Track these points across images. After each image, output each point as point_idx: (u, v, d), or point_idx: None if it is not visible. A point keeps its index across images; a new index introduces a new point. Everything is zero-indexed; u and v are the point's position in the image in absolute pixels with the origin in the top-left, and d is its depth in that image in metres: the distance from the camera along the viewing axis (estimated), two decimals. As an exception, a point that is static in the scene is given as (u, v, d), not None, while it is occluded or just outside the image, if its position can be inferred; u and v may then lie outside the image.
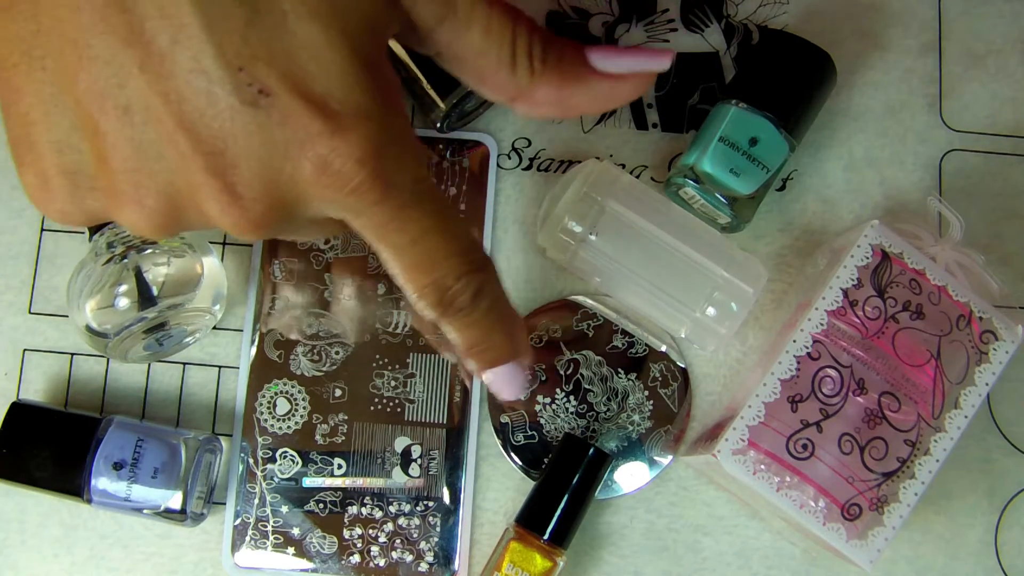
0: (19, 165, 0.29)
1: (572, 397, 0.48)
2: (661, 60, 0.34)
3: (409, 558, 0.46)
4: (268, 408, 0.47)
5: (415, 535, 0.47)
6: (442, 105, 0.47)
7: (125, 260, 0.43)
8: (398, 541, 0.47)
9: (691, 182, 0.46)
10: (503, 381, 0.35)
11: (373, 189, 0.28)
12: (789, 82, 0.47)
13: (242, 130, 0.26)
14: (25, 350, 0.48)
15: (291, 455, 0.47)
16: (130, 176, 0.27)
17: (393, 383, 0.48)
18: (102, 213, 0.29)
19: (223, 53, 0.26)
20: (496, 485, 0.48)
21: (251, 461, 0.47)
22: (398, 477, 0.47)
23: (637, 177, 0.50)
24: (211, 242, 0.48)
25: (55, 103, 0.27)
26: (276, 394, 0.48)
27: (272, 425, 0.47)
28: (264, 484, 0.47)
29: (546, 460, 0.47)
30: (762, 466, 0.41)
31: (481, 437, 0.48)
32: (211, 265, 0.45)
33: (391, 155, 0.28)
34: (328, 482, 0.47)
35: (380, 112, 0.28)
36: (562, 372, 0.48)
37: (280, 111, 0.26)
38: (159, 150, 0.27)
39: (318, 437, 0.47)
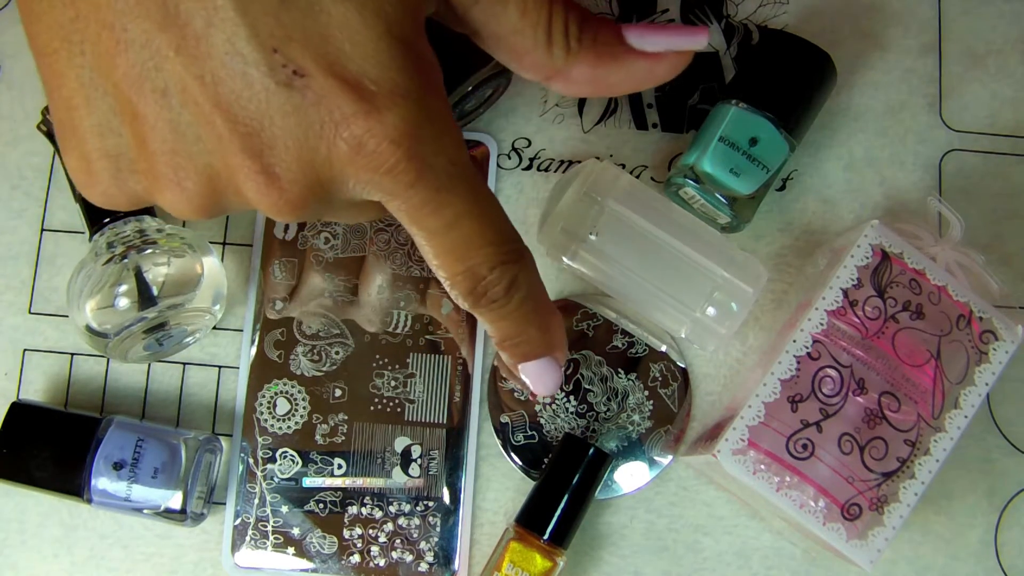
0: (64, 149, 0.29)
1: (572, 397, 0.48)
2: (698, 38, 0.34)
3: (409, 558, 0.46)
4: (268, 408, 0.47)
5: (415, 535, 0.47)
6: (442, 105, 0.47)
7: (125, 260, 0.43)
8: (398, 541, 0.47)
9: (691, 182, 0.46)
10: (536, 376, 0.35)
11: (408, 171, 0.27)
12: (789, 82, 0.47)
13: (278, 111, 0.26)
14: (25, 350, 0.48)
15: (291, 455, 0.47)
16: (169, 159, 0.27)
17: (393, 383, 0.48)
18: (144, 196, 0.29)
19: (257, 34, 0.26)
20: (496, 485, 0.48)
21: (251, 461, 0.47)
22: (398, 477, 0.47)
23: (637, 177, 0.50)
24: (211, 242, 0.48)
25: (95, 88, 0.27)
26: (276, 394, 0.48)
27: (272, 425, 0.47)
28: (264, 484, 0.47)
29: (546, 460, 0.47)
30: (762, 466, 0.41)
31: (481, 437, 0.48)
32: (211, 265, 0.45)
33: (427, 136, 0.28)
34: (328, 482, 0.47)
35: (417, 92, 0.27)
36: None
37: (315, 92, 0.26)
38: (197, 132, 0.27)
39: (318, 437, 0.47)
